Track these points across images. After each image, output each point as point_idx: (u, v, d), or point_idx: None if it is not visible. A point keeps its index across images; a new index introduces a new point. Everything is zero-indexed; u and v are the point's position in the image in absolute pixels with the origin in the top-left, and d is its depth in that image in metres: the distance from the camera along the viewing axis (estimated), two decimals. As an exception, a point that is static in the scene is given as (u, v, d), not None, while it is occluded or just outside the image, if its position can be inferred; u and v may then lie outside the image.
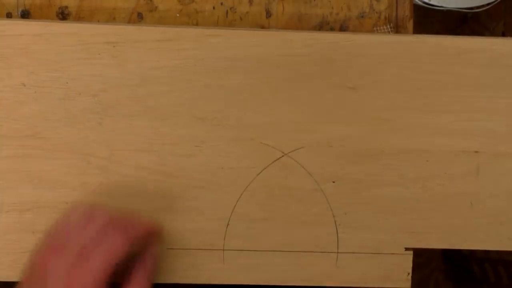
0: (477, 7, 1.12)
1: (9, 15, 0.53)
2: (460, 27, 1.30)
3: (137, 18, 0.54)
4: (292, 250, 0.53)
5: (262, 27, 0.55)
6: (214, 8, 0.55)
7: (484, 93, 0.53)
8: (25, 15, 0.53)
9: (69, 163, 0.51)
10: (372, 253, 0.54)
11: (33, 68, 0.50)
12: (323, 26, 0.56)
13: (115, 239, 0.44)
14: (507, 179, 0.54)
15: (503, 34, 1.29)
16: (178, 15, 0.55)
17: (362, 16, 0.56)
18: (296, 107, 0.52)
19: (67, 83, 0.51)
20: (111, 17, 0.54)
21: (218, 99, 0.52)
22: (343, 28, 0.56)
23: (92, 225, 0.44)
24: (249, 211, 0.53)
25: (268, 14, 0.56)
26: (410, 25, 0.57)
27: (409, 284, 0.54)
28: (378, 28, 0.56)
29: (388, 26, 0.56)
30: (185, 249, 0.53)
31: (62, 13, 0.54)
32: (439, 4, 1.08)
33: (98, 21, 0.54)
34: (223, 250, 0.53)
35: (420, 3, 1.07)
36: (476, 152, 0.54)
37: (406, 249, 0.54)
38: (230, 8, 0.55)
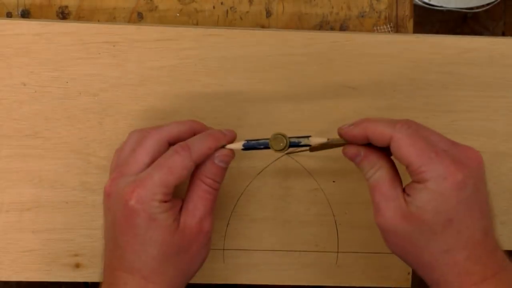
0: (477, 7, 1.12)
1: (9, 15, 0.53)
2: (460, 27, 1.30)
3: (137, 17, 0.54)
4: (292, 250, 0.53)
5: (262, 26, 0.55)
6: (214, 7, 0.55)
7: (485, 92, 0.53)
8: (25, 14, 0.53)
9: (69, 162, 0.51)
10: (372, 253, 0.54)
11: (33, 67, 0.50)
12: (323, 26, 0.56)
13: (174, 159, 0.43)
14: (507, 179, 0.54)
15: (503, 34, 1.29)
16: (178, 14, 0.55)
17: (362, 16, 0.56)
18: (296, 107, 0.52)
19: (67, 82, 0.51)
20: (111, 17, 0.54)
21: (218, 99, 0.52)
22: (343, 28, 0.56)
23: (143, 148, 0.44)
24: (249, 211, 0.53)
25: (268, 13, 0.56)
26: (410, 25, 0.57)
27: (409, 284, 0.54)
28: (378, 28, 0.56)
29: (388, 26, 0.56)
30: (185, 249, 0.53)
31: (62, 12, 0.54)
32: (439, 4, 1.08)
33: (98, 20, 0.54)
34: (223, 250, 0.53)
35: (420, 3, 1.07)
36: (476, 152, 0.54)
37: (406, 249, 0.54)
38: (230, 8, 0.55)
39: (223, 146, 0.45)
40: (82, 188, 0.51)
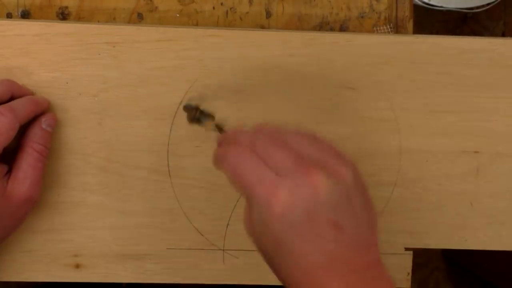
0: (477, 7, 1.12)
1: (9, 15, 0.53)
2: (460, 27, 1.30)
3: (137, 18, 0.54)
4: (292, 250, 0.53)
5: (262, 27, 0.55)
6: (214, 8, 0.55)
7: (484, 93, 0.53)
8: (25, 15, 0.53)
9: (69, 163, 0.51)
10: (372, 253, 0.54)
11: (33, 68, 0.50)
12: (323, 26, 0.56)
13: (1, 120, 0.44)
14: (507, 179, 0.54)
15: (503, 34, 1.29)
16: (178, 15, 0.55)
17: (362, 16, 0.56)
18: (296, 107, 0.52)
19: (67, 83, 0.51)
20: (111, 17, 0.54)
21: (218, 99, 0.52)
22: (343, 28, 0.56)
23: None
24: (249, 211, 0.53)
25: (268, 14, 0.56)
26: (410, 25, 0.57)
27: (409, 284, 0.54)
28: (378, 28, 0.56)
29: (388, 26, 0.56)
30: (185, 249, 0.53)
31: (62, 13, 0.54)
32: (439, 4, 1.09)
33: (98, 21, 0.54)
34: (223, 250, 0.53)
35: (420, 3, 1.07)
36: (476, 152, 0.54)
37: (406, 249, 0.54)
38: (230, 8, 0.55)
39: None
40: (82, 188, 0.51)
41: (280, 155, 0.38)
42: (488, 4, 1.10)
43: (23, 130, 0.47)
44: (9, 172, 0.46)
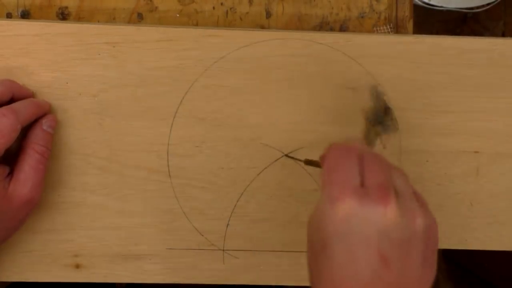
0: (477, 7, 1.12)
1: (9, 15, 0.53)
2: (460, 27, 1.30)
3: (137, 18, 0.54)
4: (292, 250, 0.53)
5: (262, 27, 0.55)
6: (214, 8, 0.55)
7: (484, 93, 0.53)
8: (25, 15, 0.53)
9: (69, 163, 0.51)
10: (372, 253, 0.54)
11: (33, 68, 0.50)
12: (323, 26, 0.56)
13: (3, 121, 0.44)
14: (507, 179, 0.54)
15: (503, 34, 1.29)
16: (178, 15, 0.55)
17: (362, 17, 0.56)
18: (296, 107, 0.52)
19: (67, 83, 0.51)
20: (111, 18, 0.54)
21: (218, 99, 0.52)
22: (343, 28, 0.56)
23: None
24: (249, 211, 0.53)
25: (268, 14, 0.56)
26: (410, 25, 0.57)
27: (409, 284, 0.54)
28: (378, 28, 0.56)
29: (388, 27, 0.56)
30: (185, 249, 0.53)
31: (62, 13, 0.54)
32: (439, 4, 1.09)
33: (98, 21, 0.54)
34: (223, 250, 0.53)
35: (420, 3, 1.07)
36: (476, 152, 0.54)
37: (406, 249, 0.54)
38: (230, 8, 0.55)
39: None
40: (82, 188, 0.51)
41: (377, 173, 0.38)
42: (488, 4, 1.10)
43: (25, 132, 0.47)
44: (11, 173, 0.46)
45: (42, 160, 0.47)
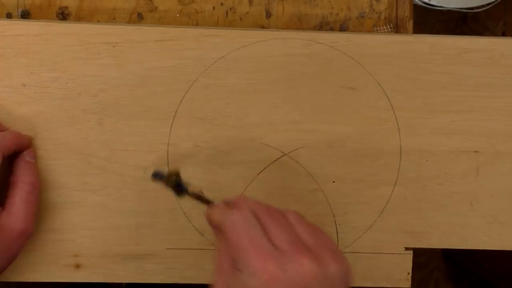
0: (477, 7, 1.12)
1: (9, 15, 0.53)
2: (460, 27, 1.30)
3: (137, 18, 0.54)
4: (292, 250, 0.53)
5: (262, 27, 0.55)
6: (214, 8, 0.55)
7: (484, 93, 0.53)
8: (25, 15, 0.53)
9: (69, 163, 0.51)
10: (372, 253, 0.54)
11: (33, 68, 0.50)
12: (323, 26, 0.56)
13: None
14: (507, 179, 0.54)
15: (503, 34, 1.29)
16: (178, 15, 0.55)
17: (362, 16, 0.56)
18: (296, 107, 0.52)
19: (67, 83, 0.51)
20: (111, 17, 0.54)
21: (218, 99, 0.52)
22: (343, 28, 0.56)
23: None
24: (249, 211, 0.53)
25: (268, 14, 0.56)
26: (410, 25, 0.57)
27: (409, 284, 0.54)
28: (378, 28, 0.56)
29: (388, 26, 0.56)
30: (185, 249, 0.53)
31: (62, 13, 0.54)
32: (439, 4, 1.08)
33: (98, 21, 0.54)
34: (223, 250, 0.53)
35: (420, 3, 1.07)
36: (476, 152, 0.54)
37: (406, 249, 0.54)
38: (230, 8, 0.55)
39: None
40: (82, 188, 0.51)
41: (281, 230, 0.40)
42: (488, 4, 1.10)
43: (10, 168, 0.48)
44: (2, 207, 0.46)
45: (33, 191, 0.47)
